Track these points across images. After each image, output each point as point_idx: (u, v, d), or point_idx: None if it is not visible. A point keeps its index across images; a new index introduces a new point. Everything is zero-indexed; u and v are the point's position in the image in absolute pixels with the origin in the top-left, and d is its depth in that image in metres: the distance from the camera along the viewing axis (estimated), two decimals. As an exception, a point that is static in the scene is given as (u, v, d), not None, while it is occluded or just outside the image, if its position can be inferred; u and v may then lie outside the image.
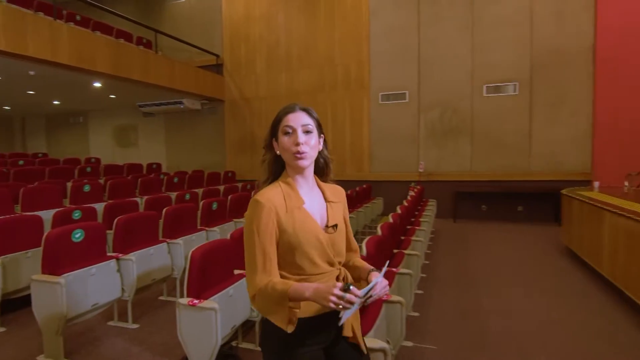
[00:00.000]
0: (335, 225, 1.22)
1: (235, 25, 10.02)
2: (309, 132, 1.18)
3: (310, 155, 1.19)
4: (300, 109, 1.21)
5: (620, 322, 3.16)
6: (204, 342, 2.27)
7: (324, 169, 1.29)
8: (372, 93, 8.75)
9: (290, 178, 1.22)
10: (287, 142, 1.17)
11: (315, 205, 1.22)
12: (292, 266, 1.17)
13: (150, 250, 3.26)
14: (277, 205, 1.15)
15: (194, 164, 10.36)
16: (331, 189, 1.30)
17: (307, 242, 1.15)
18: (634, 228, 3.26)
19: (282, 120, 1.20)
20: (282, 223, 1.15)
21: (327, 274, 1.19)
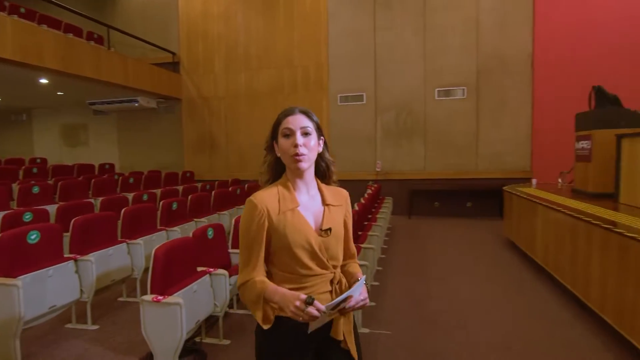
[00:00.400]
0: (329, 229, 1.21)
1: (192, 23, 9.86)
2: (308, 134, 1.19)
3: (309, 158, 1.20)
4: (299, 112, 1.22)
5: (551, 301, 3.56)
6: (169, 337, 2.32)
7: (325, 172, 1.30)
8: (331, 94, 8.97)
9: (288, 180, 1.23)
10: (285, 145, 1.18)
11: (311, 208, 1.23)
12: (284, 265, 1.20)
13: (109, 251, 3.23)
14: (269, 206, 1.17)
15: (149, 164, 10.07)
16: (332, 192, 1.30)
17: (297, 244, 1.16)
18: (562, 220, 3.68)
19: (282, 123, 1.21)
20: (273, 224, 1.17)
21: (320, 276, 1.20)
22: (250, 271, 1.18)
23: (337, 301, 1.06)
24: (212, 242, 3.18)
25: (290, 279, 1.18)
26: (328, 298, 1.19)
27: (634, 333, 2.47)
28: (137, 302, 3.47)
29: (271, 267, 1.23)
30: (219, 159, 9.90)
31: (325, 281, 1.21)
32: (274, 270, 1.22)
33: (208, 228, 3.17)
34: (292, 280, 1.18)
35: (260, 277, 1.19)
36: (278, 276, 1.21)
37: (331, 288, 1.22)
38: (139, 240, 3.52)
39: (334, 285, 1.22)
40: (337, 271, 1.25)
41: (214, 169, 9.90)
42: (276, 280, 1.20)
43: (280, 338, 1.18)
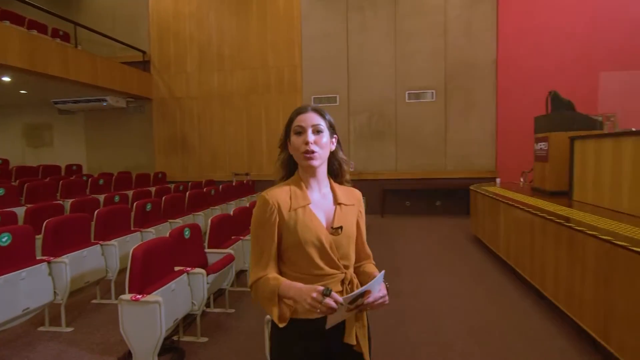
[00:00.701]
0: (340, 227, 1.20)
1: (163, 22, 9.72)
2: (320, 132, 1.19)
3: (320, 155, 1.19)
4: (312, 110, 1.22)
5: (512, 292, 3.81)
6: (148, 336, 2.36)
7: (338, 170, 1.29)
8: (305, 96, 9.07)
9: (301, 178, 1.23)
10: (297, 142, 1.18)
11: (323, 206, 1.22)
12: (294, 264, 1.19)
13: (83, 253, 3.21)
14: (280, 203, 1.17)
15: (118, 165, 9.83)
16: (345, 191, 1.29)
17: (308, 242, 1.15)
18: (521, 216, 3.94)
19: (294, 121, 1.21)
20: (284, 220, 1.17)
21: (330, 276, 1.18)
22: (262, 268, 1.18)
23: (355, 294, 1.04)
24: (188, 242, 3.22)
25: (301, 278, 1.16)
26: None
27: (583, 318, 2.72)
28: (111, 304, 3.47)
29: (282, 266, 1.21)
30: (192, 159, 9.79)
31: (336, 282, 1.19)
32: (284, 269, 1.21)
33: (185, 228, 3.21)
34: (302, 280, 1.15)
35: (273, 274, 1.17)
36: (288, 276, 1.19)
37: (342, 289, 1.19)
38: (113, 242, 3.50)
39: (345, 285, 1.20)
40: (349, 272, 1.22)
41: (187, 170, 9.79)
42: (287, 279, 1.18)
43: (294, 339, 1.17)
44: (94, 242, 3.45)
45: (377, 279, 1.08)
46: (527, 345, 2.79)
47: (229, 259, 3.35)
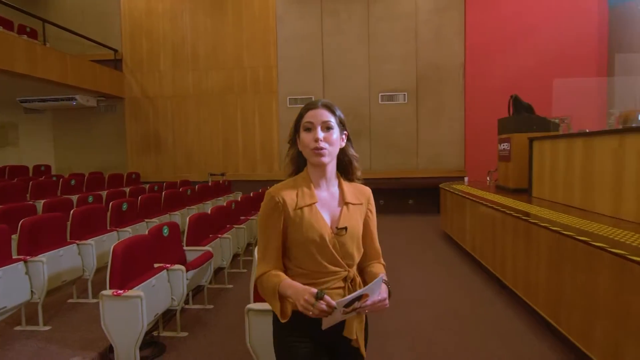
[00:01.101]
0: (344, 228, 1.20)
1: (135, 20, 9.58)
2: (330, 129, 1.18)
3: (330, 152, 1.18)
4: (322, 106, 1.20)
5: (477, 282, 4.07)
6: (130, 330, 2.42)
7: (348, 168, 1.28)
8: (281, 97, 9.18)
9: (309, 175, 1.22)
10: (306, 139, 1.17)
11: (329, 205, 1.22)
12: (298, 260, 1.20)
13: (59, 252, 3.21)
14: (286, 201, 1.17)
15: (89, 165, 9.61)
16: (354, 189, 1.28)
17: (311, 241, 1.16)
18: (485, 212, 4.21)
19: (304, 117, 1.20)
20: (289, 218, 1.17)
21: (333, 273, 1.19)
22: (266, 264, 1.20)
23: (351, 298, 1.04)
24: (167, 240, 3.27)
25: (304, 274, 1.19)
26: (341, 294, 1.18)
27: (537, 303, 2.97)
28: (89, 303, 3.48)
29: (286, 261, 1.23)
30: (166, 160, 9.70)
31: (339, 279, 1.20)
32: (289, 265, 1.23)
33: (163, 226, 3.26)
34: (305, 276, 1.18)
35: (276, 270, 1.19)
36: (293, 271, 1.21)
37: (344, 285, 1.20)
38: (90, 241, 3.50)
39: (347, 283, 1.21)
40: (352, 270, 1.24)
41: (161, 171, 9.69)
42: (291, 275, 1.21)
43: (295, 332, 1.20)
44: (70, 241, 3.45)
45: (375, 282, 1.08)
46: (489, 330, 3.02)
47: (208, 256, 3.43)
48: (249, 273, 4.46)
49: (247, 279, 4.29)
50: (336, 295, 1.16)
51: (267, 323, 2.19)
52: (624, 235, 2.39)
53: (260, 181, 8.86)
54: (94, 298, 3.53)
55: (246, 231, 4.79)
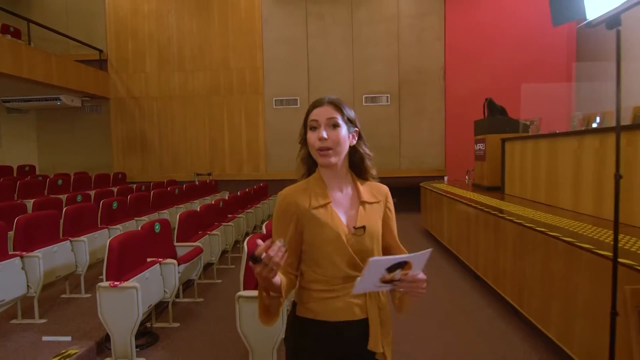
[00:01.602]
0: (362, 227, 1.13)
1: (121, 20, 9.61)
2: (336, 127, 1.11)
3: (336, 152, 1.11)
4: (328, 103, 1.14)
5: (453, 274, 4.33)
6: (126, 319, 2.57)
7: (360, 166, 1.21)
8: (267, 98, 9.34)
9: (321, 175, 1.17)
10: (311, 138, 1.12)
11: (344, 204, 1.16)
12: (315, 265, 1.13)
13: (53, 248, 3.32)
14: (298, 202, 1.13)
15: (73, 165, 9.58)
16: (370, 187, 1.22)
17: (328, 242, 1.10)
18: (461, 208, 4.47)
19: (310, 115, 1.14)
20: (302, 220, 1.13)
21: (352, 280, 1.08)
22: None
23: (394, 260, 0.94)
24: (159, 236, 3.42)
25: (320, 279, 1.12)
26: (361, 304, 1.11)
27: (505, 290, 3.23)
28: (81, 298, 3.60)
29: (302, 265, 1.17)
30: (152, 160, 9.75)
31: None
32: (304, 269, 1.17)
33: (155, 223, 3.41)
34: (322, 282, 1.12)
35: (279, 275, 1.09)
36: (308, 275, 1.15)
37: (364, 295, 1.12)
38: (82, 238, 3.62)
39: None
40: None
41: (147, 171, 9.73)
42: (306, 279, 1.15)
43: (312, 341, 1.13)
44: (64, 238, 3.56)
45: (422, 253, 0.96)
46: (464, 317, 3.27)
47: (198, 251, 3.59)
48: (237, 269, 4.63)
49: (235, 274, 4.45)
50: (356, 306, 1.10)
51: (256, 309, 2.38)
52: (578, 227, 2.66)
53: (246, 181, 9.00)
54: (87, 293, 3.65)
55: (234, 228, 4.94)
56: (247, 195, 6.53)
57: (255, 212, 6.22)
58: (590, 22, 1.61)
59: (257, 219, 6.35)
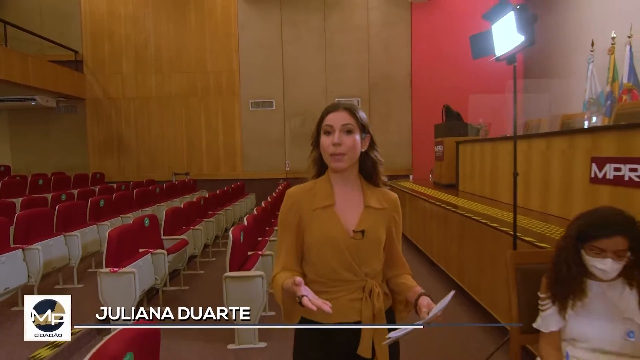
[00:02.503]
0: (362, 231, 1.13)
1: (97, 22, 9.70)
2: (350, 132, 1.13)
3: (349, 157, 1.13)
4: (343, 108, 1.16)
5: (414, 261, 4.88)
6: (125, 300, 2.94)
7: (371, 172, 1.21)
8: (243, 100, 9.69)
9: (329, 178, 1.19)
10: (325, 142, 1.14)
11: (348, 208, 1.17)
12: (313, 266, 1.16)
13: (50, 242, 3.63)
14: (302, 202, 1.16)
15: (48, 166, 9.60)
16: (378, 194, 1.21)
17: (325, 244, 1.12)
18: (420, 204, 5.04)
19: (324, 119, 1.16)
20: (304, 220, 1.16)
21: (348, 282, 1.13)
22: (278, 265, 1.18)
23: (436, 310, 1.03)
24: (148, 230, 3.78)
25: (318, 281, 1.15)
26: (357, 308, 1.13)
27: (451, 270, 3.80)
28: (74, 288, 3.91)
29: (304, 266, 1.20)
30: (129, 160, 9.89)
31: (355, 289, 1.14)
32: (306, 270, 1.19)
33: (145, 218, 3.77)
34: (320, 283, 1.14)
35: (285, 271, 1.16)
36: (309, 277, 1.17)
37: (362, 296, 1.14)
38: (75, 233, 3.93)
39: (365, 293, 1.14)
40: (373, 281, 1.16)
41: (124, 171, 9.87)
42: (307, 281, 1.14)
43: (314, 342, 1.15)
44: (58, 233, 3.86)
45: (448, 297, 1.05)
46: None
47: (183, 243, 3.98)
48: (218, 261, 5.04)
49: (216, 266, 4.84)
50: (352, 310, 1.13)
51: (241, 287, 2.81)
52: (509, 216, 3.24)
53: (223, 180, 9.31)
54: (79, 283, 3.95)
55: (215, 224, 5.32)
56: (225, 194, 6.89)
57: (233, 210, 6.60)
58: (498, 57, 2.14)
59: (235, 216, 6.73)
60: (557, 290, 1.43)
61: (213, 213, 5.63)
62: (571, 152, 2.98)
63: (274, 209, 5.32)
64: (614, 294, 1.37)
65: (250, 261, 3.15)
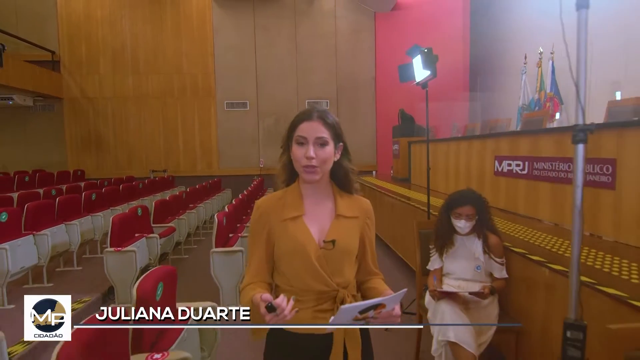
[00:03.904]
0: (332, 241, 1.12)
1: (73, 24, 9.99)
2: (324, 145, 1.11)
3: (322, 170, 1.11)
4: (317, 118, 1.12)
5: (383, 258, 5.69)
6: (127, 274, 3.57)
7: (343, 180, 1.19)
8: (218, 101, 10.25)
9: (299, 186, 1.17)
10: (298, 153, 1.11)
11: (319, 218, 1.16)
12: (284, 277, 1.16)
13: (53, 229, 4.18)
14: (272, 212, 1.15)
15: (25, 163, 9.84)
16: (350, 202, 1.20)
17: (294, 255, 1.12)
18: (376, 194, 5.86)
19: (297, 129, 1.12)
20: (274, 231, 1.14)
21: (321, 293, 1.12)
22: (249, 276, 1.17)
23: (366, 305, 0.98)
24: (141, 218, 4.39)
25: (290, 291, 1.13)
26: (328, 318, 1.06)
27: (399, 250, 4.62)
28: (75, 270, 4.47)
29: (276, 276, 1.20)
30: (107, 157, 10.26)
31: (326, 299, 1.13)
32: (277, 280, 1.19)
33: (138, 208, 4.37)
34: (290, 293, 1.09)
35: (255, 283, 1.15)
36: (281, 288, 1.17)
37: (333, 307, 1.12)
38: (75, 222, 4.48)
39: (337, 303, 1.12)
40: (345, 291, 1.15)
41: (102, 168, 10.23)
42: (279, 292, 1.16)
43: (284, 350, 1.15)
44: (60, 221, 4.40)
45: (396, 295, 1.02)
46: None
47: (172, 230, 4.61)
48: (200, 248, 5.70)
49: (199, 251, 5.48)
50: (323, 320, 1.11)
51: (225, 259, 3.51)
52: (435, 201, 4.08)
53: (200, 176, 9.86)
54: (78, 266, 4.52)
55: (196, 215, 5.95)
56: (204, 189, 7.49)
57: (212, 203, 7.22)
58: (417, 83, 2.92)
59: (213, 209, 7.34)
60: (437, 243, 2.24)
61: (194, 205, 6.24)
62: (484, 152, 3.84)
63: (249, 201, 6.00)
64: (470, 243, 2.18)
65: (231, 240, 3.84)
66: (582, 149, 1.32)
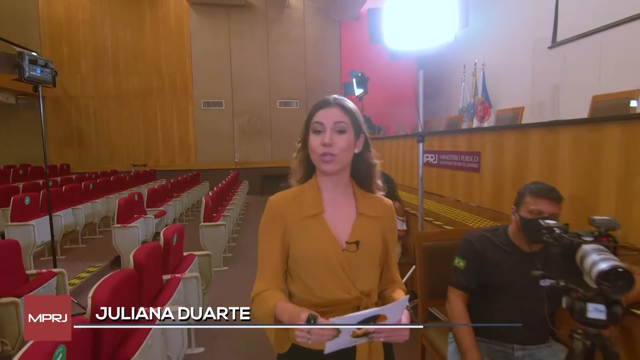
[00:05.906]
0: (356, 242, 1.01)
1: (55, 26, 10.50)
2: (342, 132, 1.00)
3: (340, 159, 1.00)
4: (335, 104, 1.03)
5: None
6: (132, 245, 4.44)
7: (364, 176, 1.08)
8: (196, 100, 11.04)
9: (317, 182, 1.07)
10: (314, 142, 1.01)
11: (339, 216, 1.05)
12: (301, 283, 1.04)
13: (63, 212, 4.99)
14: (287, 210, 1.04)
15: (8, 158, 10.29)
16: (371, 200, 1.09)
17: (314, 258, 1.01)
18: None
19: (314, 116, 1.04)
20: (289, 231, 1.04)
21: (342, 301, 1.00)
22: (262, 282, 1.04)
23: (362, 316, 0.84)
24: (137, 203, 5.26)
25: (308, 301, 1.01)
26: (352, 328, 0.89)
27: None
28: (80, 247, 5.29)
29: (290, 285, 1.08)
30: (89, 153, 10.86)
31: (348, 309, 0.99)
32: (292, 289, 1.07)
33: (134, 194, 5.24)
34: (309, 303, 0.99)
35: (273, 290, 1.01)
36: (296, 297, 1.06)
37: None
38: (80, 206, 5.30)
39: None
40: (368, 299, 1.03)
41: (84, 162, 10.81)
42: (293, 301, 1.04)
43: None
44: (67, 206, 5.21)
45: (396, 302, 0.89)
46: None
47: (163, 212, 5.51)
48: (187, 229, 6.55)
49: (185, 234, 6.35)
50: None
51: (211, 231, 4.47)
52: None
53: (179, 170, 10.63)
54: (83, 244, 5.33)
55: (180, 203, 6.82)
56: (185, 181, 8.35)
57: (193, 192, 8.11)
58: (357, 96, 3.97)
59: (193, 198, 8.22)
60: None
61: (178, 194, 7.11)
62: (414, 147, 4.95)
63: (226, 191, 6.93)
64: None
65: (215, 218, 4.79)
66: (422, 146, 2.39)
